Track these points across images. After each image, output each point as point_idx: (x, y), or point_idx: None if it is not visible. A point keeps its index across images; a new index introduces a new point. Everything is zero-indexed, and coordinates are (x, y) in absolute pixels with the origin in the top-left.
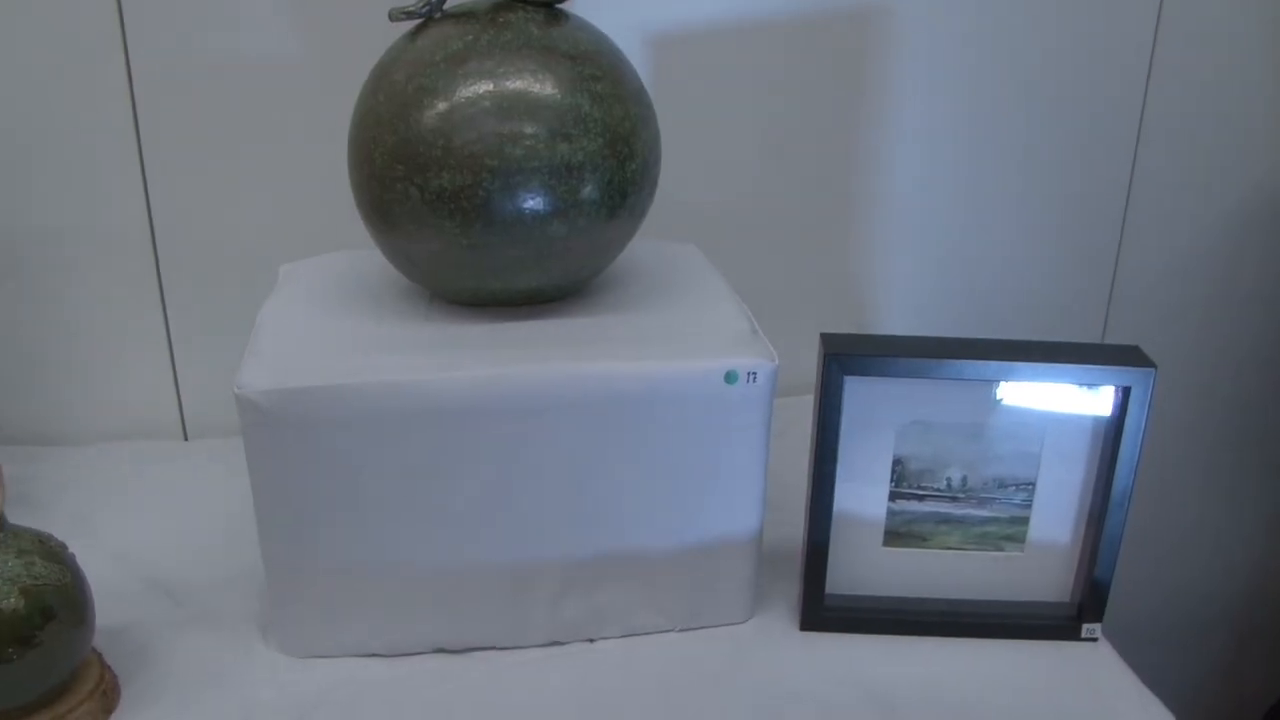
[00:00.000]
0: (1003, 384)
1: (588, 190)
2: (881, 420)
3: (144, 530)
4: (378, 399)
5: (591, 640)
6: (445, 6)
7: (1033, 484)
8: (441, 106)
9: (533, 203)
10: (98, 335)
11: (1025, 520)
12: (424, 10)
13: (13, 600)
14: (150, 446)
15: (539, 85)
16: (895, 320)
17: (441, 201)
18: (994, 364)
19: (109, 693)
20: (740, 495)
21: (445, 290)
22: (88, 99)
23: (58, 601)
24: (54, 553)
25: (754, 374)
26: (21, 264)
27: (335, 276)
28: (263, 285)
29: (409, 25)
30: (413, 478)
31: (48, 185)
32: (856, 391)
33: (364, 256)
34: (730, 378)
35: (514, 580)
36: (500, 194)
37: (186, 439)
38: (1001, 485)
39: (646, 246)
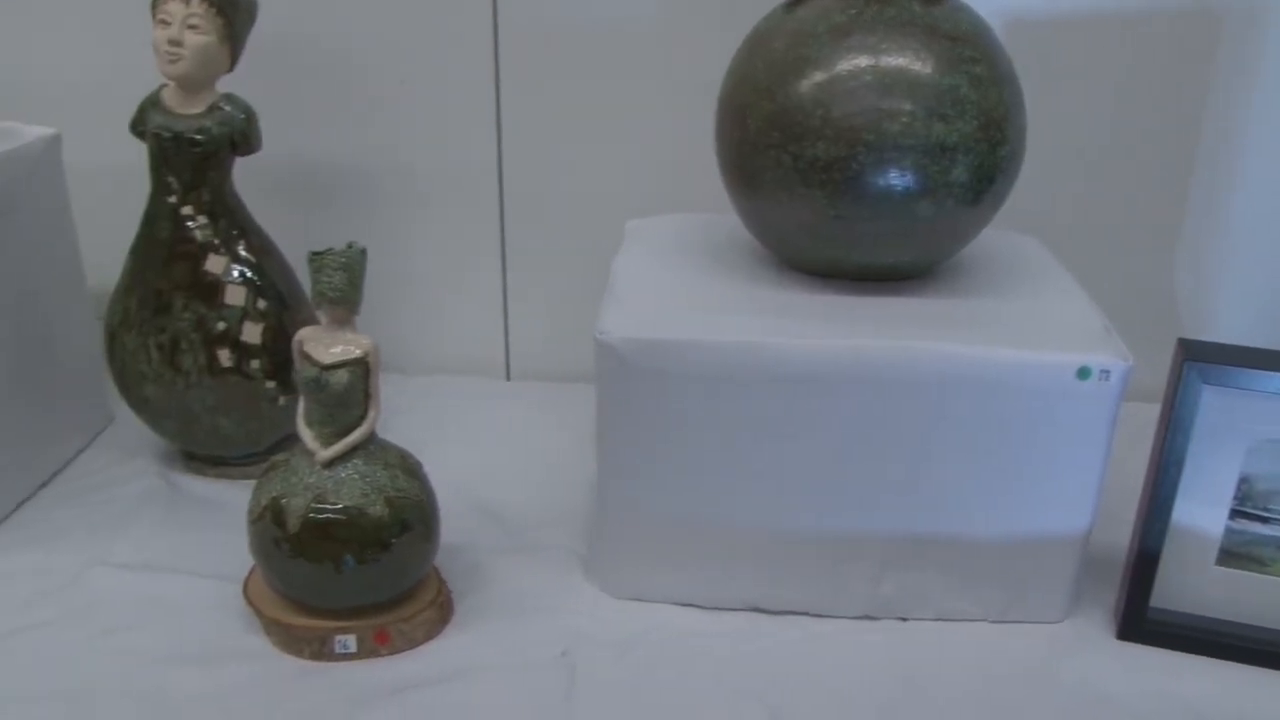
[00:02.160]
0: None
1: (958, 172)
2: (1234, 434)
3: (472, 460)
4: (731, 358)
5: (904, 619)
6: None
7: None
8: (822, 77)
9: (903, 180)
10: (438, 271)
11: None
12: None
13: (379, 508)
14: (475, 383)
15: (920, 64)
16: (1224, 332)
17: (814, 171)
18: None
19: (445, 605)
20: (1073, 493)
21: (801, 259)
22: (454, 45)
23: (413, 515)
24: (413, 470)
25: (1107, 372)
26: (376, 196)
27: (683, 236)
28: (599, 239)
29: None
30: (752, 438)
31: (408, 123)
32: (1212, 402)
33: (710, 219)
34: (1083, 374)
35: (837, 550)
36: (873, 169)
37: (509, 379)
38: None
39: (990, 235)
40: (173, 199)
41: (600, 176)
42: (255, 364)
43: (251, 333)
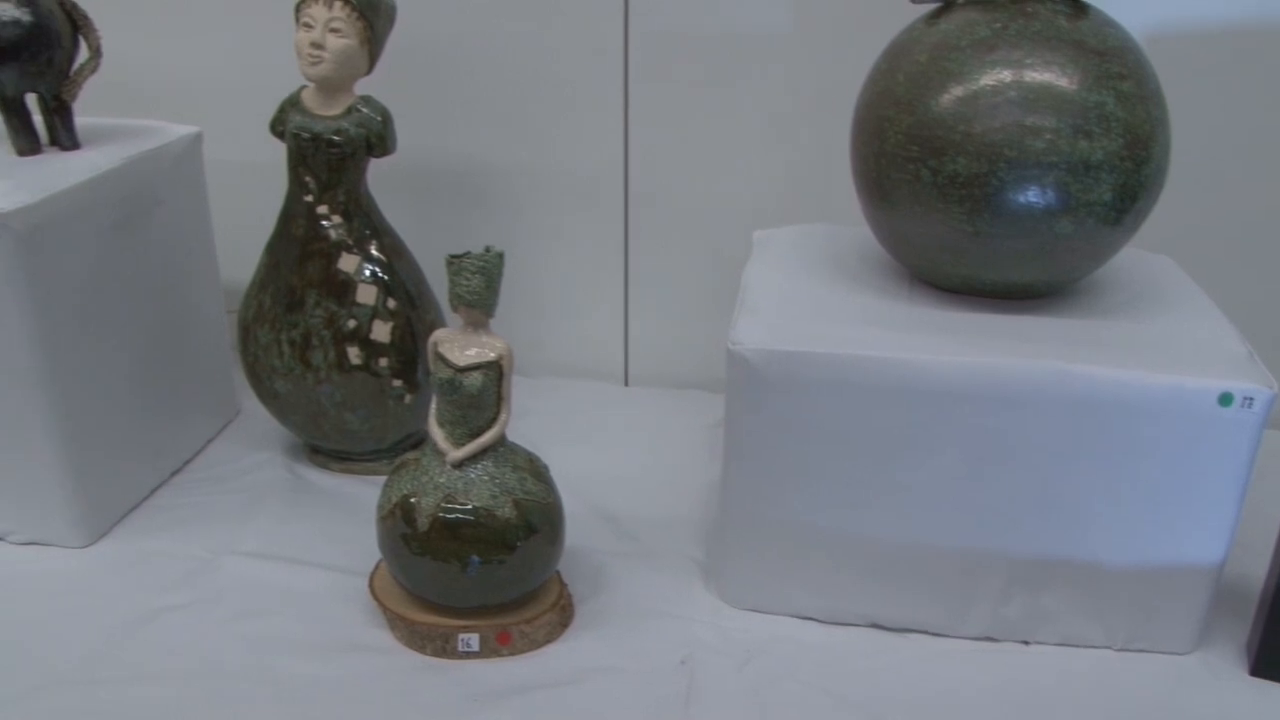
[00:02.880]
0: None
1: (1101, 190)
2: None
3: (591, 464)
4: (864, 372)
5: (1026, 642)
6: None
7: None
8: (964, 92)
9: (1045, 197)
10: (561, 273)
11: None
12: None
13: (507, 510)
14: (594, 387)
15: (1065, 79)
16: None
17: (953, 187)
18: None
19: (566, 608)
20: (1209, 521)
21: (934, 274)
22: (586, 48)
23: (540, 518)
24: (541, 473)
25: (1250, 399)
26: (502, 199)
27: (812, 247)
28: (722, 248)
29: (926, 8)
30: (881, 452)
31: (537, 125)
32: None
33: (839, 230)
34: (1225, 400)
35: (962, 569)
36: (1014, 185)
37: (627, 384)
38: None
39: (1123, 253)
40: (309, 198)
41: (726, 185)
42: (383, 362)
43: (381, 331)
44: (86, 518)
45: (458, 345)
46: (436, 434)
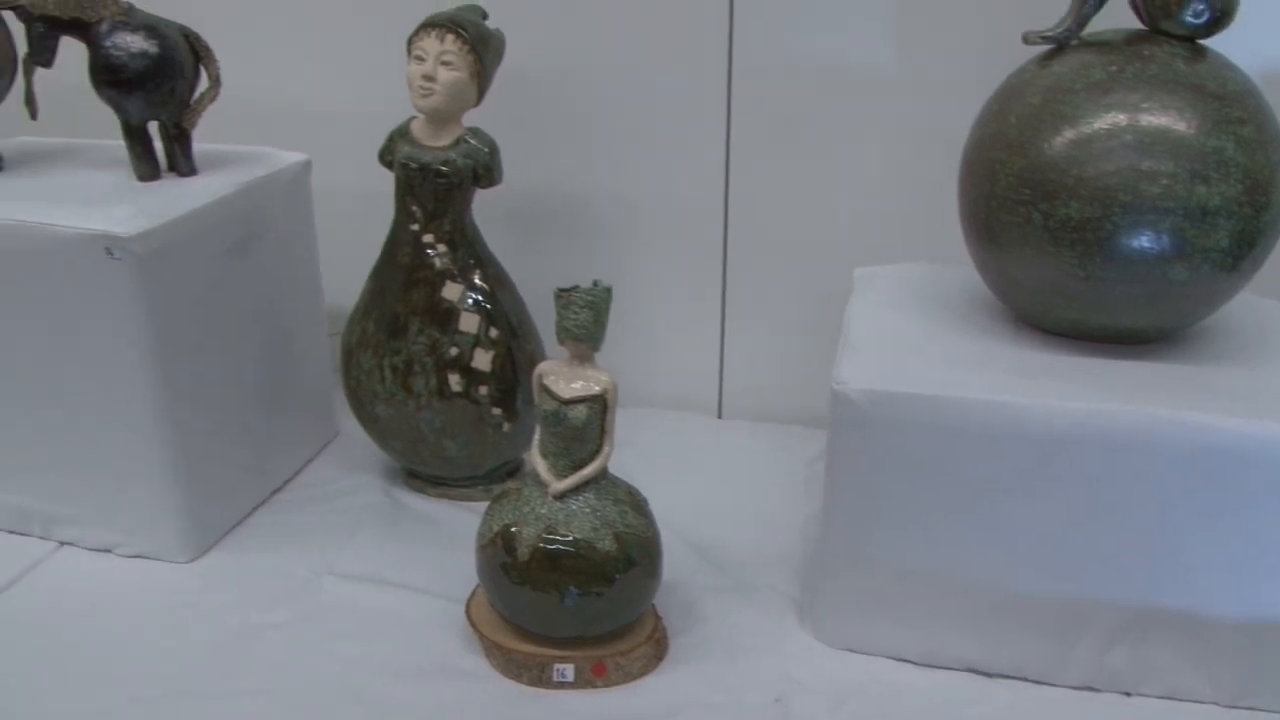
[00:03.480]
0: None
1: (1218, 236)
2: None
3: (684, 496)
4: (968, 414)
5: (1128, 694)
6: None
7: None
8: (1078, 135)
9: (1159, 243)
10: (658, 306)
11: None
12: (1063, 36)
13: (607, 543)
14: (687, 419)
15: (1183, 123)
16: None
17: (1065, 230)
18: None
19: (661, 641)
20: None
21: (1041, 318)
22: (689, 81)
23: (639, 552)
24: (640, 506)
25: None
26: (602, 229)
27: (915, 286)
28: (820, 283)
29: (1038, 49)
30: (986, 496)
31: (638, 157)
32: None
33: (942, 270)
34: None
35: (1063, 616)
36: (1128, 230)
37: (720, 417)
38: None
39: (1234, 299)
40: (415, 226)
41: (826, 221)
42: (483, 390)
43: (482, 360)
44: (192, 533)
45: (563, 378)
46: (539, 465)
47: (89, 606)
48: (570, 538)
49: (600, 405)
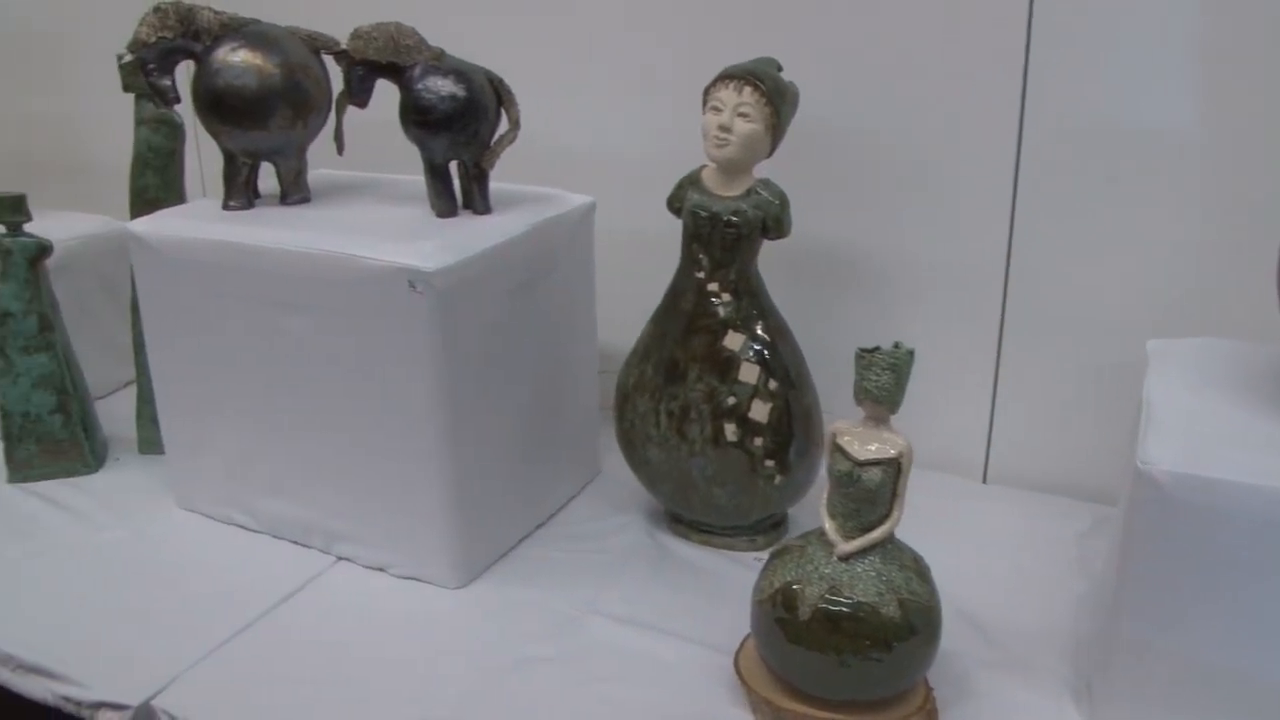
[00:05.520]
0: None
1: None
2: None
3: (949, 561)
4: None
5: None
6: None
7: None
8: None
9: None
10: (928, 363)
11: None
12: None
13: (891, 609)
14: (950, 481)
15: None
16: None
17: None
18: None
19: (932, 713)
20: None
21: None
22: (978, 138)
23: (921, 620)
24: (924, 573)
25: None
26: (876, 281)
27: (1220, 364)
28: (1106, 352)
29: None
30: None
31: (920, 212)
32: None
33: (1248, 348)
34: None
35: None
36: None
37: (985, 481)
38: None
39: None
40: (700, 274)
41: (1115, 288)
42: (758, 441)
43: (759, 411)
44: (464, 560)
45: (858, 439)
46: (827, 524)
47: (362, 622)
48: (854, 600)
49: (894, 469)
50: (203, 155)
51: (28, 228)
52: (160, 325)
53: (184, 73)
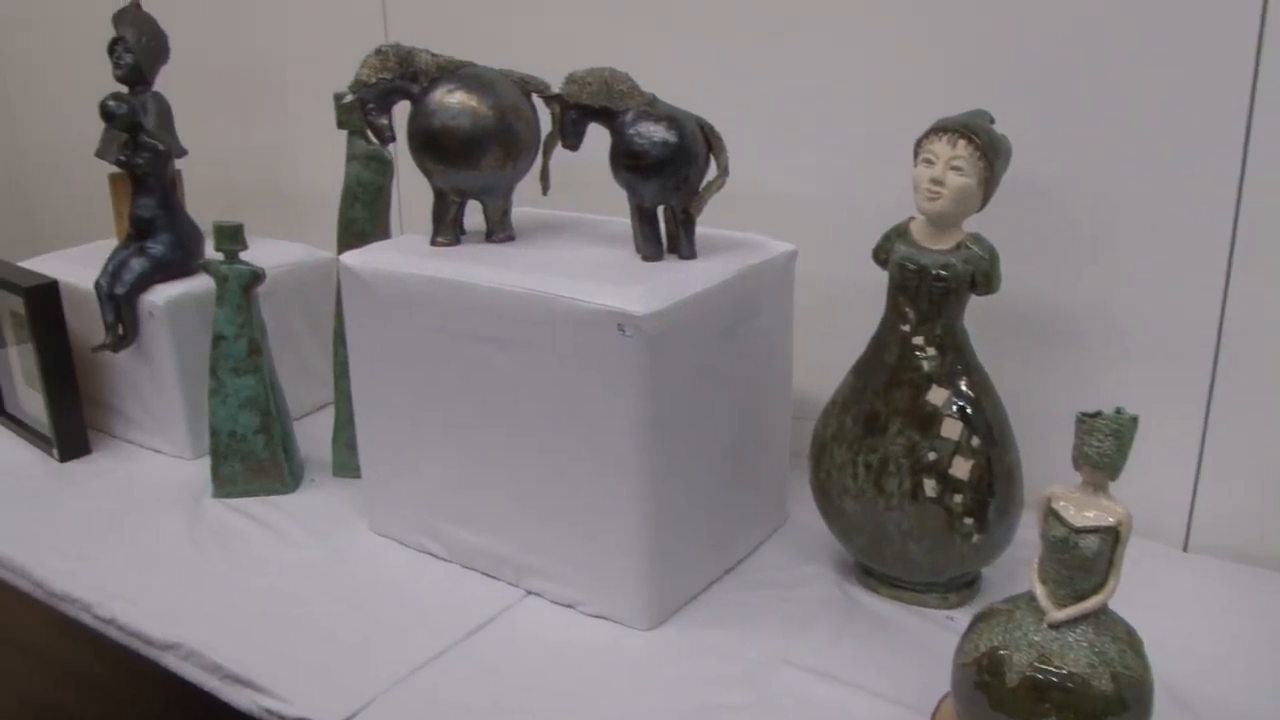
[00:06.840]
0: None
1: None
2: None
3: (1153, 633)
4: None
5: None
6: None
7: None
8: None
9: None
10: None
11: None
12: None
13: (1104, 682)
14: (1148, 548)
15: None
16: None
17: None
18: None
19: None
20: None
21: None
22: (1195, 196)
23: (1133, 696)
24: (1137, 647)
25: None
26: (1077, 338)
27: None
28: None
29: None
30: None
31: (1129, 270)
32: None
33: None
34: None
35: None
36: None
37: (1186, 550)
38: None
39: None
40: (905, 327)
41: None
42: (958, 499)
43: (960, 468)
44: (655, 602)
45: (1075, 505)
46: (1038, 590)
47: (550, 658)
48: (1064, 670)
49: (1113, 537)
50: (403, 190)
51: (242, 255)
52: (365, 354)
53: (398, 112)
